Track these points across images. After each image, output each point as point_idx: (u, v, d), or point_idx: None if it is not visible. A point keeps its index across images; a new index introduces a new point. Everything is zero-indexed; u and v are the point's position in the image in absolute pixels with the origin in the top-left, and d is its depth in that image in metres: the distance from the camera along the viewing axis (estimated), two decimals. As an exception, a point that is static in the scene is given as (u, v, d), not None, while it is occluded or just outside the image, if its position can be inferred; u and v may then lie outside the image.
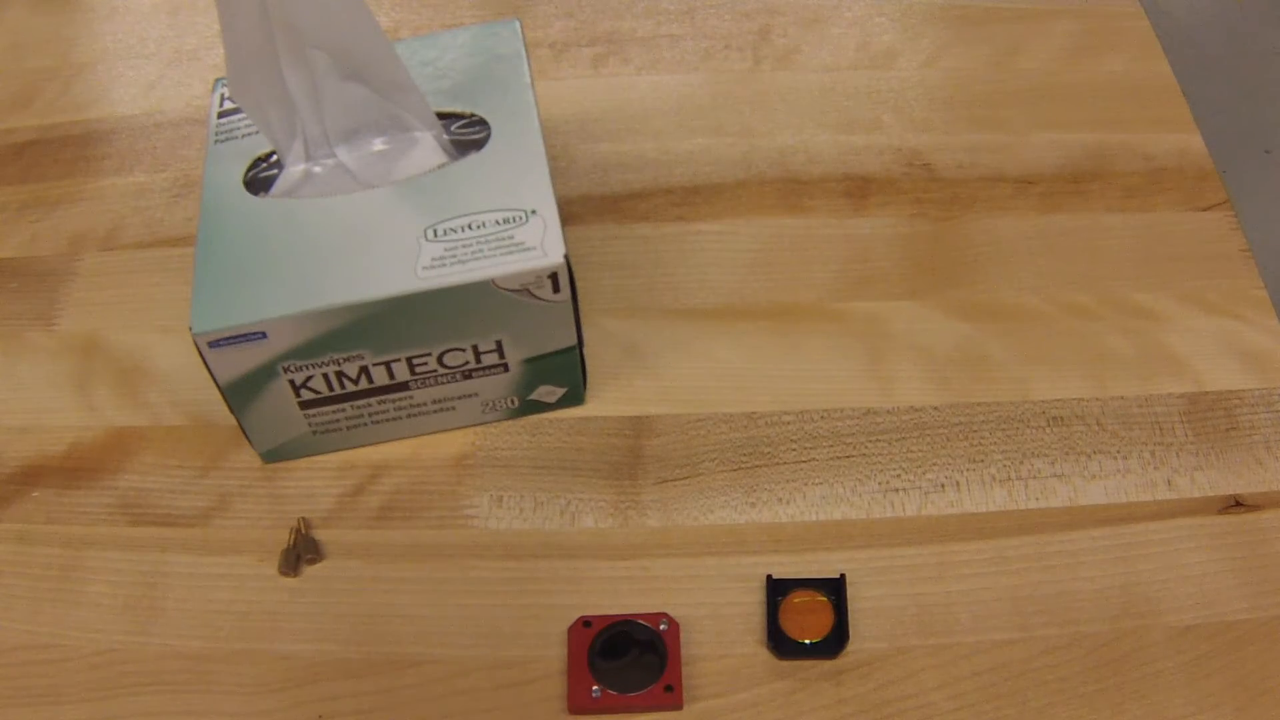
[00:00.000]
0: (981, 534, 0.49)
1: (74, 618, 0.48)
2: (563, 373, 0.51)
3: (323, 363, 0.48)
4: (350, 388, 0.49)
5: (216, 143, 0.53)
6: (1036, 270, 0.57)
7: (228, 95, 0.53)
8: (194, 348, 0.46)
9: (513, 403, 0.52)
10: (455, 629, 0.47)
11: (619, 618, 0.46)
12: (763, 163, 0.63)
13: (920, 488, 0.50)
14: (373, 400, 0.50)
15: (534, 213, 0.48)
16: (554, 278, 0.47)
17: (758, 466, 0.51)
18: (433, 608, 0.48)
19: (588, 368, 0.54)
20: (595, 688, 0.44)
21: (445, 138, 0.54)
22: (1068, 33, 0.69)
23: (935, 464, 0.51)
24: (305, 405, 0.49)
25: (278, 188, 0.52)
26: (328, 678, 0.46)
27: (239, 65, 0.49)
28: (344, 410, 0.50)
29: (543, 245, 0.47)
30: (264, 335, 0.46)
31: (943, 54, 0.68)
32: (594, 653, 0.45)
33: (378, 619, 0.47)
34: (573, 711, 0.44)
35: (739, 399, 0.53)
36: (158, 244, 0.61)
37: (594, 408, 0.53)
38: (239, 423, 0.50)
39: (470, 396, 0.51)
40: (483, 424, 0.53)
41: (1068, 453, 0.51)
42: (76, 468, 0.52)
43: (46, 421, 0.54)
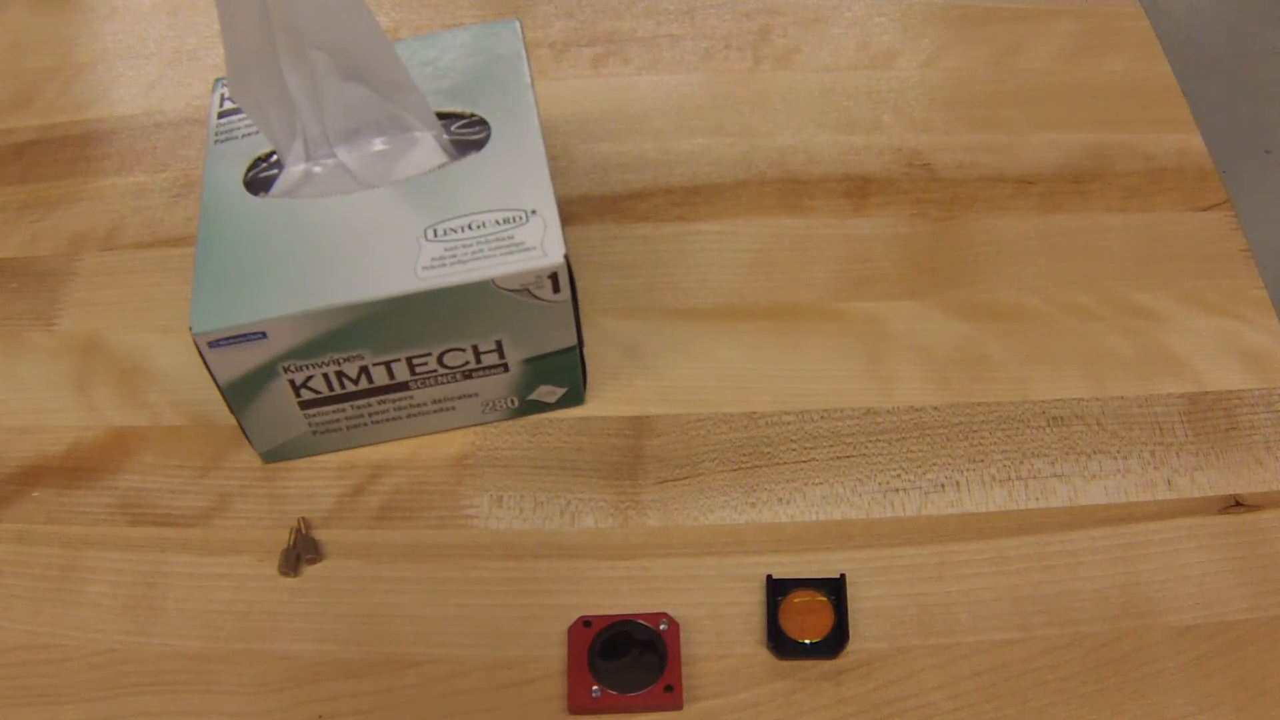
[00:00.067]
0: (981, 534, 0.49)
1: (74, 618, 0.48)
2: (563, 373, 0.51)
3: (323, 363, 0.48)
4: (350, 388, 0.49)
5: (216, 143, 0.53)
6: (1036, 270, 0.57)
7: (228, 95, 0.53)
8: (194, 348, 0.46)
9: (513, 403, 0.52)
10: (455, 629, 0.47)
11: (619, 618, 0.46)
12: (763, 163, 0.63)
13: (920, 488, 0.50)
14: (373, 400, 0.50)
15: (534, 213, 0.48)
16: (554, 278, 0.47)
17: (758, 466, 0.51)
18: (433, 608, 0.48)
19: (588, 368, 0.54)
20: (595, 688, 0.44)
21: (445, 138, 0.54)
22: (1068, 33, 0.69)
23: (935, 464, 0.51)
24: (305, 405, 0.49)
25: (278, 188, 0.52)
26: (328, 678, 0.46)
27: (239, 65, 0.49)
28: (344, 410, 0.50)
29: (543, 245, 0.47)
30: (264, 335, 0.46)
31: (943, 54, 0.68)
32: (594, 653, 0.45)
33: (378, 619, 0.47)
34: (573, 711, 0.44)
35: (739, 399, 0.53)
36: (158, 244, 0.61)
37: (594, 408, 0.53)
38: (239, 423, 0.50)
39: (470, 396, 0.51)
40: (483, 424, 0.53)
41: (1068, 453, 0.51)
42: (76, 468, 0.52)
43: (46, 421, 0.54)
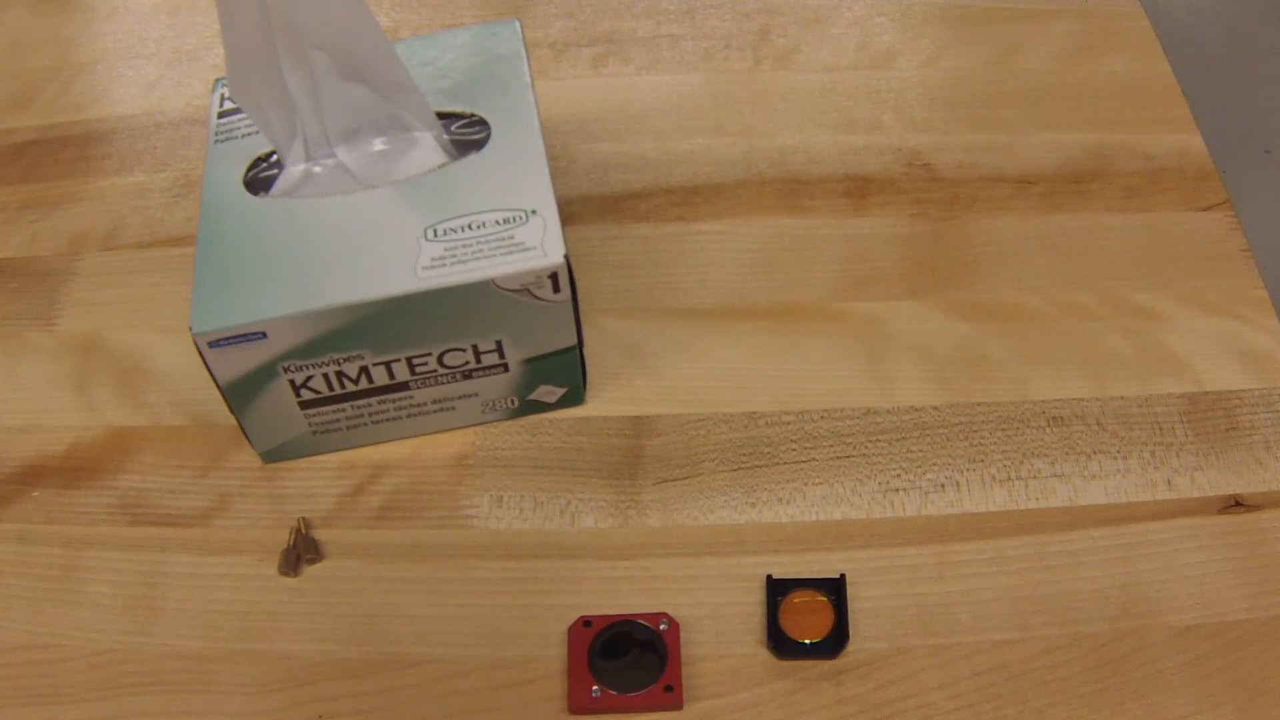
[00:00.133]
0: (981, 534, 0.49)
1: (74, 618, 0.48)
2: (563, 373, 0.51)
3: (323, 363, 0.48)
4: (350, 388, 0.49)
5: (216, 143, 0.53)
6: (1036, 270, 0.57)
7: (228, 95, 0.53)
8: (194, 348, 0.46)
9: (513, 403, 0.52)
10: (455, 629, 0.47)
11: (619, 618, 0.46)
12: (763, 163, 0.63)
13: (920, 488, 0.50)
14: (373, 400, 0.50)
15: (534, 213, 0.48)
16: (554, 278, 0.47)
17: (758, 466, 0.51)
18: (433, 608, 0.48)
19: (588, 368, 0.54)
20: (595, 688, 0.44)
21: (445, 138, 0.54)
22: (1068, 33, 0.69)
23: (935, 464, 0.51)
24: (305, 405, 0.49)
25: (278, 188, 0.52)
26: (328, 678, 0.46)
27: (239, 65, 0.49)
28: (344, 410, 0.50)
29: (543, 245, 0.47)
30: (264, 335, 0.46)
31: (943, 54, 0.68)
32: (594, 653, 0.45)
33: (378, 619, 0.47)
34: (573, 711, 0.44)
35: (739, 399, 0.53)
36: (158, 244, 0.61)
37: (594, 408, 0.53)
38: (239, 423, 0.50)
39: (470, 396, 0.51)
40: (483, 424, 0.53)
41: (1068, 453, 0.51)
42: (76, 468, 0.52)
43: (46, 421, 0.54)
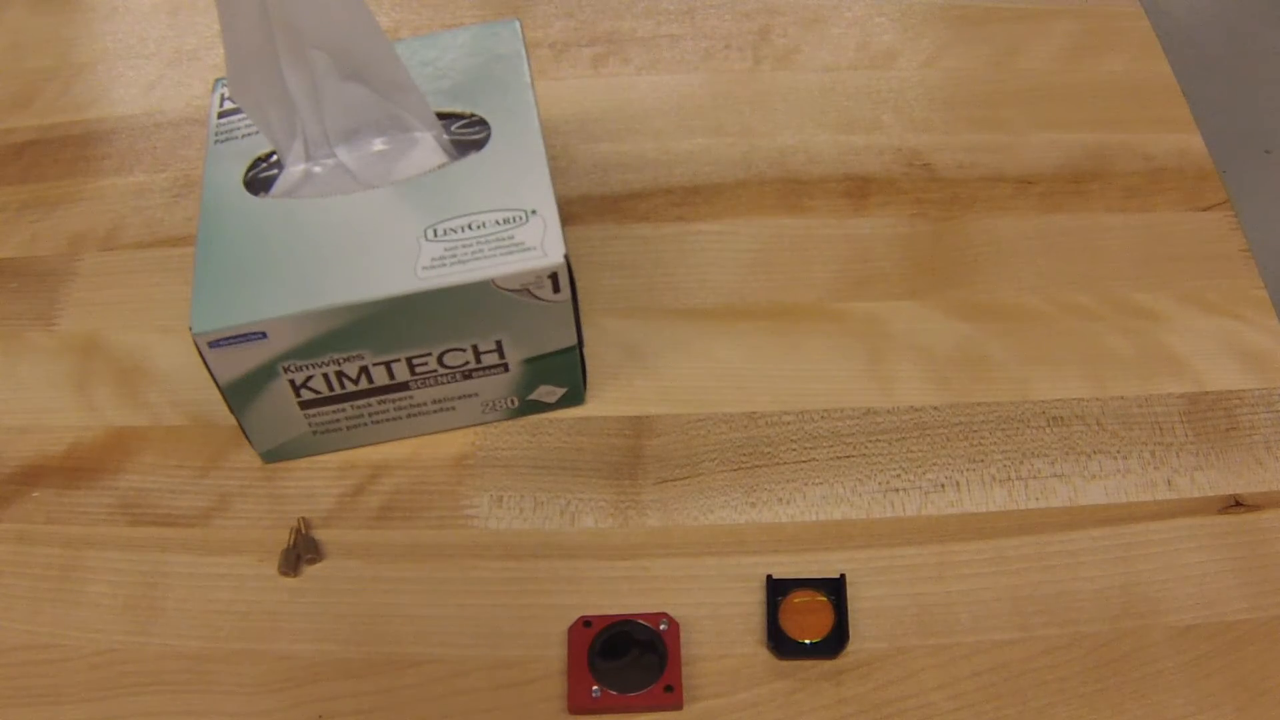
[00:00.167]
0: (981, 534, 0.49)
1: (74, 618, 0.48)
2: (563, 373, 0.51)
3: (323, 363, 0.48)
4: (350, 388, 0.49)
5: (216, 143, 0.53)
6: (1036, 270, 0.57)
7: (228, 95, 0.53)
8: (194, 348, 0.46)
9: (513, 403, 0.52)
10: (455, 629, 0.47)
11: (619, 618, 0.46)
12: (763, 163, 0.63)
13: (920, 488, 0.50)
14: (373, 400, 0.50)
15: (534, 213, 0.48)
16: (554, 278, 0.47)
17: (758, 466, 0.51)
18: (433, 608, 0.48)
19: (588, 368, 0.54)
20: (595, 688, 0.44)
21: (445, 138, 0.54)
22: (1068, 33, 0.69)
23: (935, 464, 0.51)
24: (305, 405, 0.49)
25: (278, 188, 0.52)
26: (328, 678, 0.46)
27: (239, 65, 0.49)
28: (344, 410, 0.50)
29: (543, 245, 0.47)
30: (264, 335, 0.46)
31: (943, 54, 0.68)
32: (594, 653, 0.45)
33: (378, 619, 0.47)
34: (573, 711, 0.44)
35: (739, 399, 0.53)
36: (158, 244, 0.61)
37: (594, 408, 0.53)
38: (239, 423, 0.50)
39: (470, 396, 0.51)
40: (483, 424, 0.53)
41: (1068, 453, 0.51)
42: (76, 468, 0.52)
43: (46, 421, 0.54)
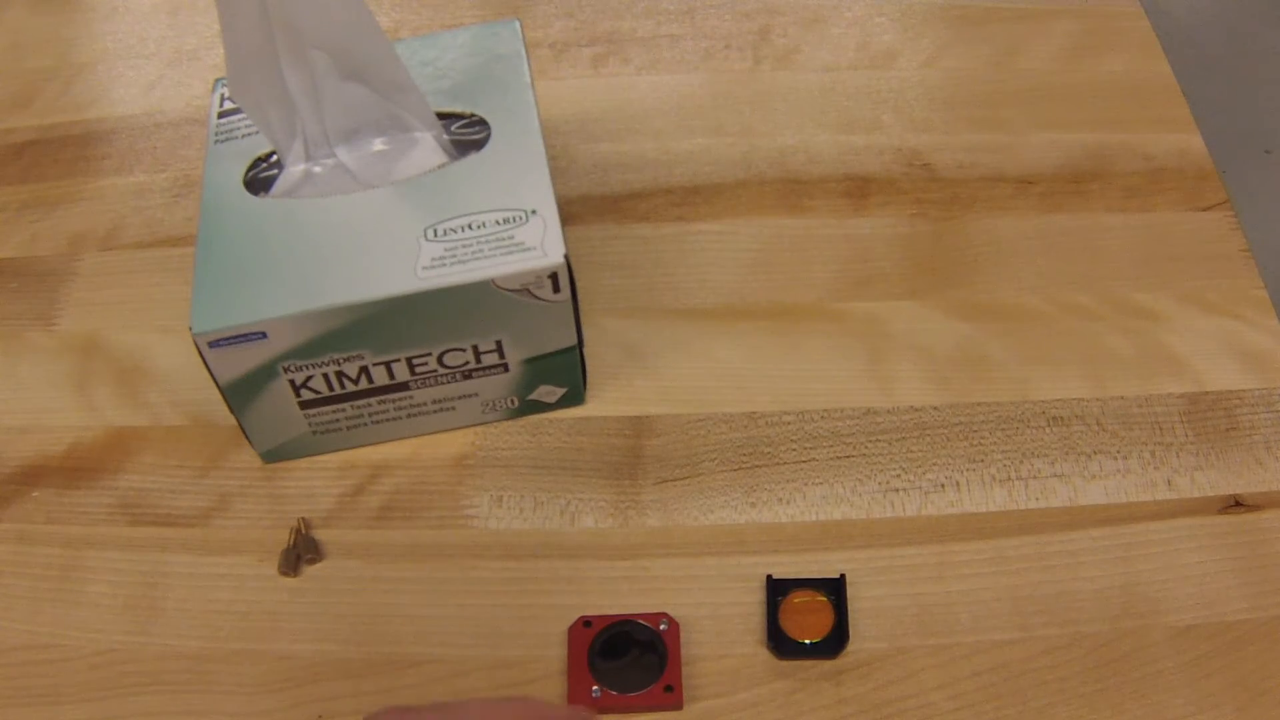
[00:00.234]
0: (981, 534, 0.49)
1: (74, 618, 0.48)
2: (563, 373, 0.51)
3: (323, 363, 0.48)
4: (350, 388, 0.49)
5: (216, 143, 0.53)
6: (1036, 270, 0.57)
7: (228, 95, 0.53)
8: (194, 348, 0.46)
9: (513, 403, 0.52)
10: (455, 629, 0.47)
11: (619, 618, 0.46)
12: (763, 163, 0.63)
13: (920, 488, 0.50)
14: (373, 400, 0.50)
15: (534, 213, 0.48)
16: (554, 278, 0.47)
17: (758, 466, 0.51)
18: (433, 608, 0.48)
19: (588, 368, 0.54)
20: (595, 688, 0.44)
21: (445, 138, 0.54)
22: (1068, 33, 0.69)
23: (935, 464, 0.51)
24: (305, 405, 0.49)
25: (278, 188, 0.52)
26: (328, 678, 0.46)
27: (239, 65, 0.49)
28: (344, 410, 0.50)
29: (543, 245, 0.47)
30: (264, 335, 0.46)
31: (943, 54, 0.68)
32: (594, 653, 0.45)
33: (378, 619, 0.47)
34: (573, 711, 0.44)
35: (739, 399, 0.53)
36: (158, 244, 0.61)
37: (594, 408, 0.53)
38: (239, 423, 0.50)
39: (470, 396, 0.51)
40: (483, 424, 0.53)
41: (1068, 453, 0.51)
42: (76, 468, 0.52)
43: (46, 421, 0.54)
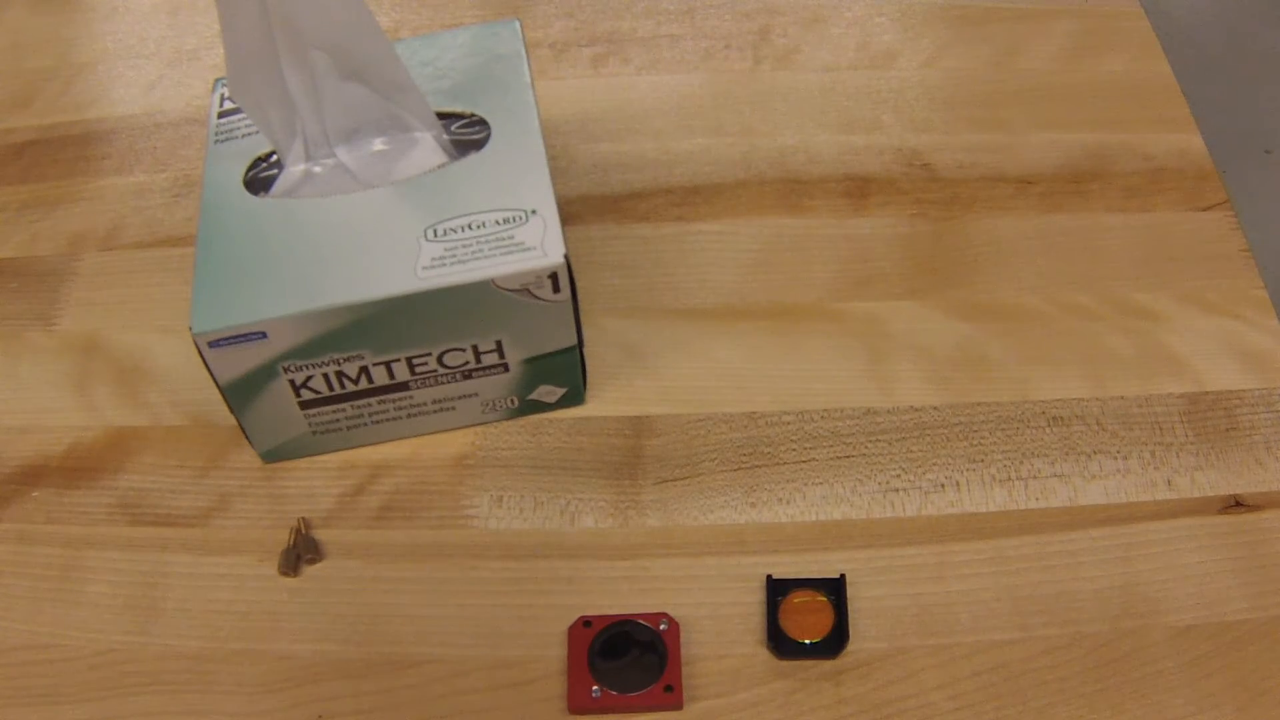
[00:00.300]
0: (981, 534, 0.49)
1: (74, 618, 0.48)
2: (563, 373, 0.51)
3: (323, 363, 0.48)
4: (350, 388, 0.49)
5: (216, 143, 0.53)
6: (1036, 270, 0.57)
7: (228, 95, 0.53)
8: (194, 348, 0.46)
9: (513, 403, 0.52)
10: (455, 629, 0.47)
11: (619, 618, 0.46)
12: (763, 163, 0.63)
13: (920, 488, 0.50)
14: (373, 400, 0.50)
15: (534, 213, 0.48)
16: (554, 278, 0.47)
17: (758, 466, 0.51)
18: (433, 608, 0.48)
19: (588, 368, 0.54)
20: (595, 688, 0.44)
21: (445, 138, 0.54)
22: (1068, 33, 0.69)
23: (935, 464, 0.51)
24: (305, 405, 0.49)
25: (278, 188, 0.52)
26: (328, 678, 0.46)
27: (239, 65, 0.49)
28: (344, 410, 0.50)
29: (543, 245, 0.47)
30: (264, 335, 0.46)
31: (943, 54, 0.68)
32: (594, 653, 0.45)
33: (378, 619, 0.47)
34: (573, 711, 0.44)
35: (739, 399, 0.53)
36: (158, 244, 0.61)
37: (594, 408, 0.53)
38: (239, 423, 0.50)
39: (470, 396, 0.51)
40: (483, 424, 0.53)
41: (1068, 453, 0.51)
42: (76, 468, 0.52)
43: (46, 421, 0.54)
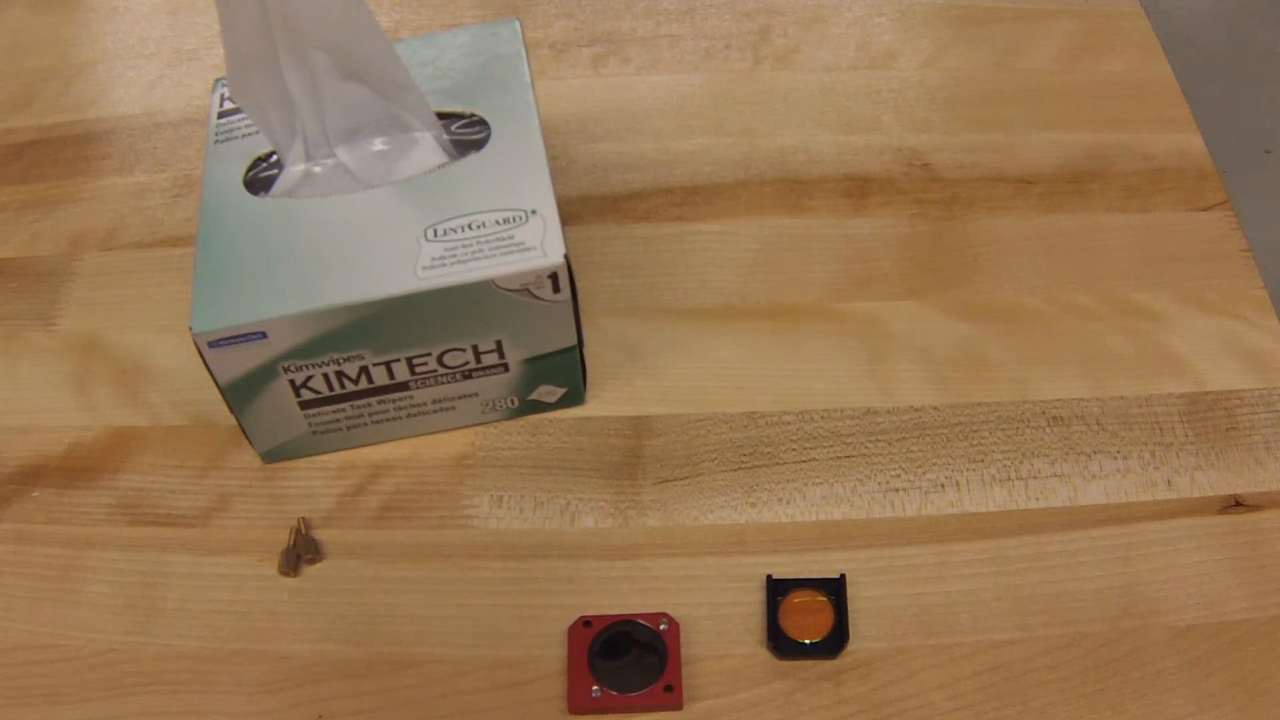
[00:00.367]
0: (981, 534, 0.49)
1: (74, 618, 0.48)
2: (563, 373, 0.51)
3: (323, 363, 0.48)
4: (350, 388, 0.49)
5: (216, 143, 0.53)
6: (1036, 270, 0.57)
7: (228, 95, 0.53)
8: (194, 348, 0.46)
9: (513, 403, 0.52)
10: (455, 629, 0.47)
11: (619, 618, 0.46)
12: (763, 163, 0.63)
13: (920, 488, 0.50)
14: (373, 400, 0.50)
15: (534, 213, 0.48)
16: (554, 278, 0.47)
17: (758, 466, 0.51)
18: (433, 608, 0.48)
19: (588, 368, 0.54)
20: (595, 688, 0.44)
21: (445, 138, 0.54)
22: (1068, 33, 0.69)
23: (935, 464, 0.51)
24: (305, 405, 0.49)
25: (278, 188, 0.52)
26: (328, 678, 0.46)
27: (239, 65, 0.49)
28: (344, 410, 0.50)
29: (543, 245, 0.47)
30: (264, 335, 0.46)
31: (943, 54, 0.68)
32: (594, 653, 0.45)
33: (378, 619, 0.47)
34: (573, 711, 0.44)
35: (739, 399, 0.53)
36: (158, 244, 0.61)
37: (594, 408, 0.53)
38: (239, 423, 0.50)
39: (470, 396, 0.51)
40: (483, 424, 0.53)
41: (1068, 453, 0.51)
42: (76, 468, 0.52)
43: (46, 421, 0.54)
